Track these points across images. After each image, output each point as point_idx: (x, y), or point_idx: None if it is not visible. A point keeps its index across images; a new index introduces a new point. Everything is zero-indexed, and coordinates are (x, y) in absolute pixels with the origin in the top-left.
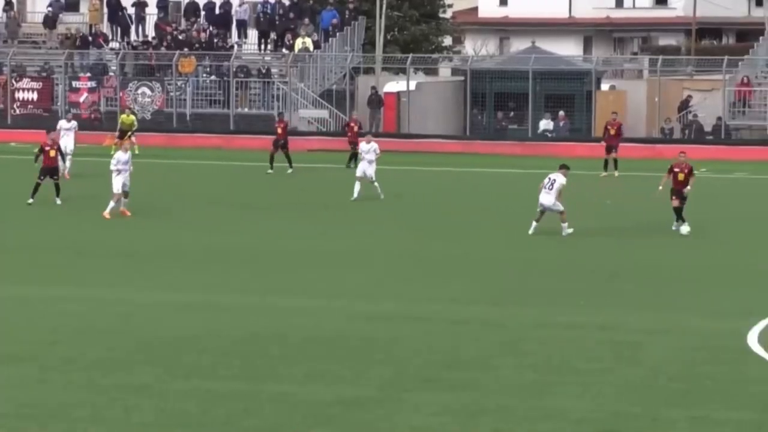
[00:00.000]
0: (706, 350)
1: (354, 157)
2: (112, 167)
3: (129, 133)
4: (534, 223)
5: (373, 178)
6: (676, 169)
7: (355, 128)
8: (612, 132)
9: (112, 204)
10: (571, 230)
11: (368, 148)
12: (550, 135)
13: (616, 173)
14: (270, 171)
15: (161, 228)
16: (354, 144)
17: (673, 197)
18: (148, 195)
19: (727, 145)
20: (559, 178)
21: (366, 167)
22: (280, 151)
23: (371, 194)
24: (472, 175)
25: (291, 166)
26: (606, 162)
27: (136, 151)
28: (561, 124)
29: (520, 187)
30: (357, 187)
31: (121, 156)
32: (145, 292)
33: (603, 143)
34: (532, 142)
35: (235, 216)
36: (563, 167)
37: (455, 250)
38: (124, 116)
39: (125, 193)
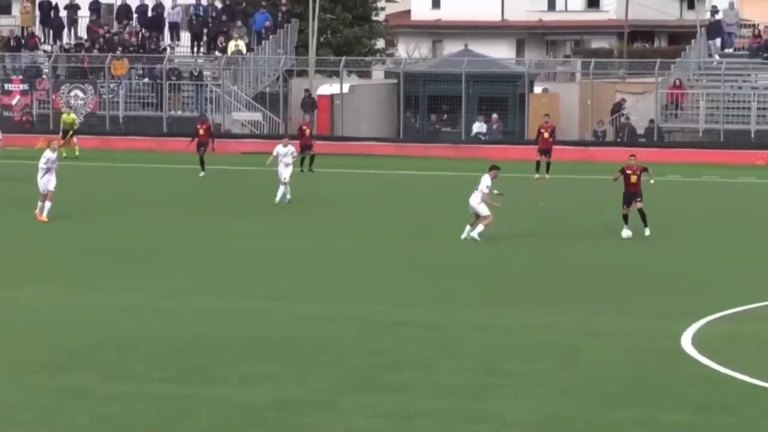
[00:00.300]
0: (640, 352)
1: (304, 160)
2: (42, 165)
3: (71, 132)
4: (467, 227)
5: (288, 180)
6: (629, 171)
7: (307, 132)
8: (546, 135)
9: (40, 204)
10: (479, 238)
11: (285, 151)
12: (483, 138)
13: (547, 176)
14: (202, 173)
15: (101, 230)
16: (307, 147)
17: (624, 205)
18: (82, 198)
19: (660, 148)
20: (484, 179)
21: (283, 170)
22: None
23: (311, 195)
24: (406, 178)
25: (203, 169)
26: (538, 163)
27: (77, 153)
28: (494, 126)
29: (455, 190)
30: (281, 189)
31: (49, 155)
32: (87, 294)
33: (537, 146)
34: (466, 145)
35: (173, 217)
36: (492, 168)
37: (394, 253)
38: (65, 115)
39: (49, 197)
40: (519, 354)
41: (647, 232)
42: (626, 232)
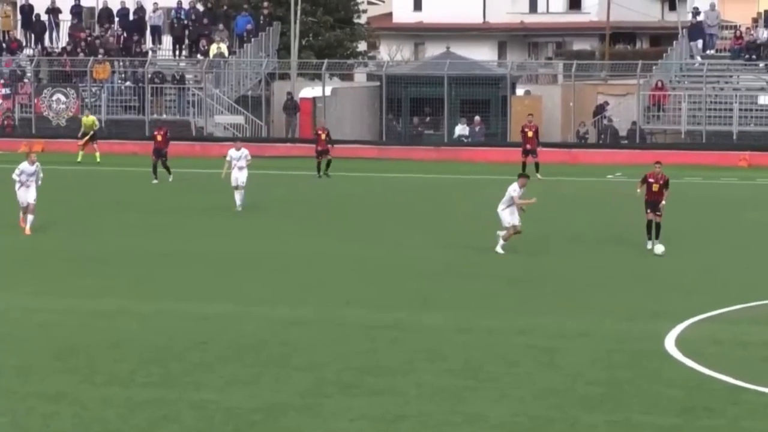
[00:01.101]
0: (623, 354)
1: (320, 165)
2: (15, 177)
3: (91, 134)
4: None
5: (243, 184)
6: (651, 180)
7: (323, 136)
8: (530, 134)
9: (25, 216)
10: (501, 251)
11: (239, 155)
12: (465, 140)
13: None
14: (155, 181)
15: (77, 234)
16: (322, 152)
17: (648, 210)
18: (61, 202)
19: (642, 150)
20: (512, 187)
21: (238, 174)
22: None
23: (292, 197)
24: (388, 181)
25: (170, 173)
26: (524, 165)
27: (98, 159)
28: (476, 129)
29: (437, 192)
30: (236, 195)
31: (26, 167)
32: (62, 299)
33: (522, 146)
34: (448, 148)
35: (150, 221)
36: (520, 176)
37: (372, 255)
38: (84, 118)
39: (30, 209)
40: (501, 356)
41: (651, 245)
42: (659, 248)
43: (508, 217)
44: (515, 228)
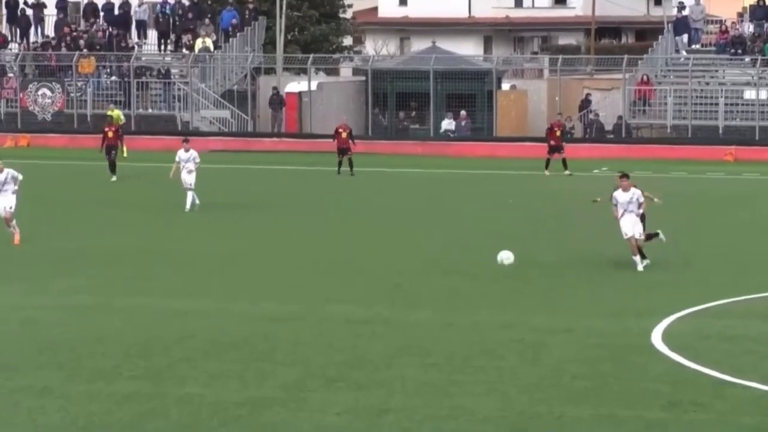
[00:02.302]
0: (609, 348)
1: (341, 163)
2: None
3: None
4: (637, 258)
5: (192, 187)
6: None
7: (344, 134)
8: (558, 133)
9: (7, 229)
10: (646, 261)
11: (187, 157)
12: (451, 135)
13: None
14: (113, 178)
15: (57, 232)
16: (343, 150)
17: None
18: (44, 197)
19: (628, 144)
20: (625, 196)
21: (186, 177)
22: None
23: (275, 193)
24: (374, 175)
25: (114, 173)
26: (548, 161)
27: (125, 154)
28: (462, 123)
29: (422, 187)
30: (188, 196)
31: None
32: (45, 296)
33: (548, 143)
34: (434, 142)
35: (128, 218)
36: (620, 176)
37: (354, 252)
38: (109, 111)
39: (8, 217)
40: (484, 350)
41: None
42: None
43: (628, 226)
44: (635, 239)
